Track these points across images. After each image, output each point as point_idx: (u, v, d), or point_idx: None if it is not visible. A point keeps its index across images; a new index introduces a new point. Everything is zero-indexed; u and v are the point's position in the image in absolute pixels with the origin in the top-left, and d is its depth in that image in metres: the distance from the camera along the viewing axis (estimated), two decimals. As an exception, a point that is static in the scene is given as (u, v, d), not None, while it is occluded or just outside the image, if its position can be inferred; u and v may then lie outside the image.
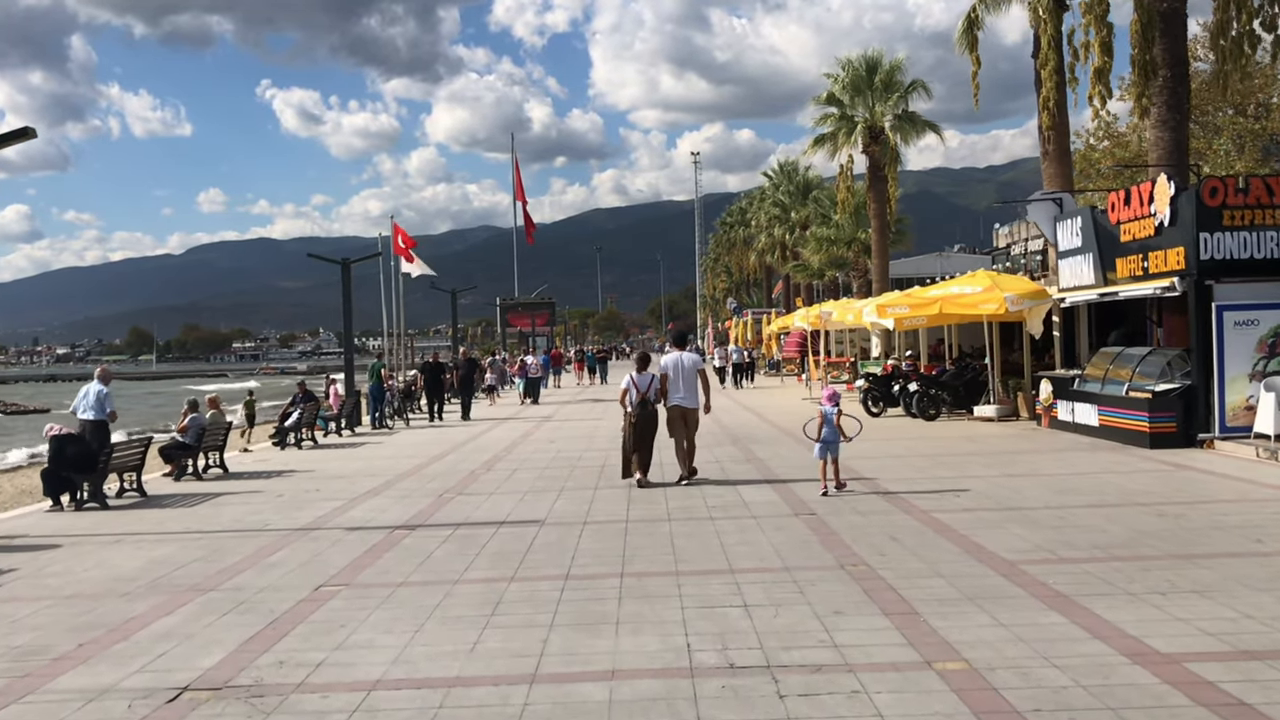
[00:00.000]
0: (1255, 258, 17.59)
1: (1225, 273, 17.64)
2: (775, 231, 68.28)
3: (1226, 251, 17.59)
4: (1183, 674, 6.34)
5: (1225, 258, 17.60)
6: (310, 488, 16.92)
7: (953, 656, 6.84)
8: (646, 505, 13.60)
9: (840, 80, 45.80)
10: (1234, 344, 17.52)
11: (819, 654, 7.00)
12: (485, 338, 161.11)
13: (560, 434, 24.69)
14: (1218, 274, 17.64)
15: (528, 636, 7.65)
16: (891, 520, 11.84)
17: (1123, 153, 52.36)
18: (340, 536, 12.22)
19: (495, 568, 10.08)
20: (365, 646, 7.61)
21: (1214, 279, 17.67)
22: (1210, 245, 17.60)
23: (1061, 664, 6.61)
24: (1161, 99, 21.14)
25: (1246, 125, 49.32)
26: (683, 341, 16.85)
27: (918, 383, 25.31)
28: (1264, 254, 17.60)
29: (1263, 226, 17.58)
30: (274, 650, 7.63)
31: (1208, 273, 17.63)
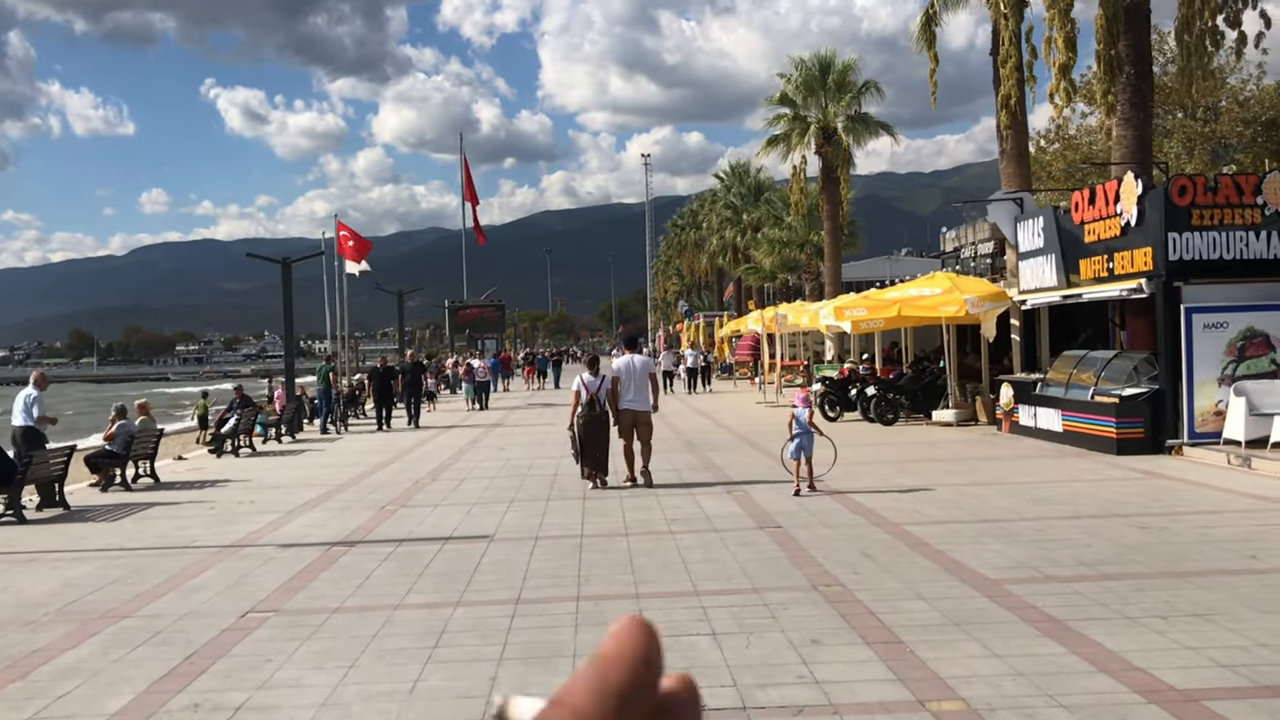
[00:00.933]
0: (1224, 258, 17.16)
1: (1194, 274, 17.19)
2: (727, 234, 67.75)
3: (1195, 252, 17.13)
4: (1205, 715, 5.71)
5: (1194, 258, 17.14)
6: (244, 499, 16.03)
7: (947, 694, 6.18)
8: (602, 518, 12.87)
9: (793, 80, 45.32)
10: (1203, 347, 17.08)
11: (799, 692, 6.30)
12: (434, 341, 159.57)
13: (510, 441, 23.90)
14: (1186, 275, 17.19)
15: (474, 673, 6.90)
16: (862, 534, 11.19)
17: (1074, 155, 52.35)
18: (273, 554, 11.38)
19: (439, 590, 9.30)
20: (292, 685, 6.83)
21: (1182, 280, 17.21)
22: (1179, 245, 17.14)
23: (1069, 702, 5.96)
24: (1125, 96, 20.74)
25: (1196, 128, 49.46)
26: (634, 344, 16.98)
27: (875, 387, 24.76)
28: (1233, 254, 17.17)
29: (1232, 226, 17.15)
30: (190, 690, 6.83)
31: (1176, 274, 17.17)
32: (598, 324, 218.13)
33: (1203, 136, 49.39)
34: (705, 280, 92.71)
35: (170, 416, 51.40)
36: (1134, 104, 20.84)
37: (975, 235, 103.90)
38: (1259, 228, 17.17)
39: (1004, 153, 26.05)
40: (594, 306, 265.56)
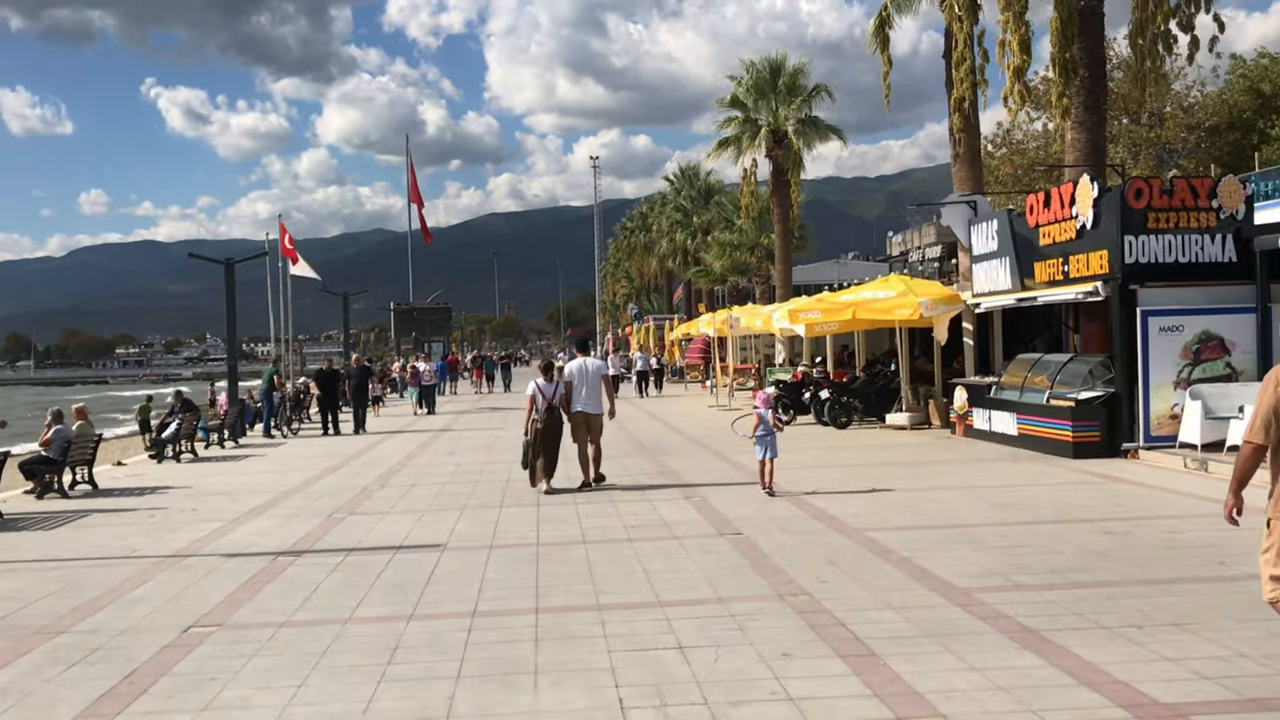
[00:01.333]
0: (1180, 262, 17.13)
1: (1150, 277, 17.14)
2: (677, 236, 67.58)
3: (1151, 255, 17.10)
4: (1195, 731, 5.50)
5: (1150, 261, 17.10)
6: (186, 506, 15.54)
7: (927, 711, 5.93)
8: (558, 525, 12.55)
9: (744, 83, 45.22)
10: (1159, 351, 17.03)
11: (773, 710, 6.03)
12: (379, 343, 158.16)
13: (460, 445, 23.49)
14: (1142, 278, 17.14)
15: (430, 692, 6.57)
16: (825, 540, 10.95)
17: (1020, 159, 52.70)
18: (216, 565, 10.96)
19: (391, 603, 8.94)
20: (239, 707, 6.47)
21: (1138, 283, 17.16)
22: (1135, 249, 17.09)
23: (1055, 719, 5.74)
24: (1079, 99, 20.70)
25: (1141, 133, 49.96)
26: (585, 348, 17.19)
27: (829, 390, 24.62)
28: (1188, 258, 17.15)
29: (1187, 229, 17.13)
30: (128, 712, 6.46)
31: (1132, 277, 17.11)
32: (546, 327, 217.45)
33: (1148, 141, 49.89)
34: (655, 283, 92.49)
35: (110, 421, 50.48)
36: (1088, 107, 20.82)
37: (922, 239, 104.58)
38: (1214, 231, 17.17)
39: (957, 156, 26.01)
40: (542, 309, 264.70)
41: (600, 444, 15.89)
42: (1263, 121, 51.04)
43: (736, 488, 15.17)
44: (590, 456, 15.76)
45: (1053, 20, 19.95)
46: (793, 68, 45.02)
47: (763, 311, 32.37)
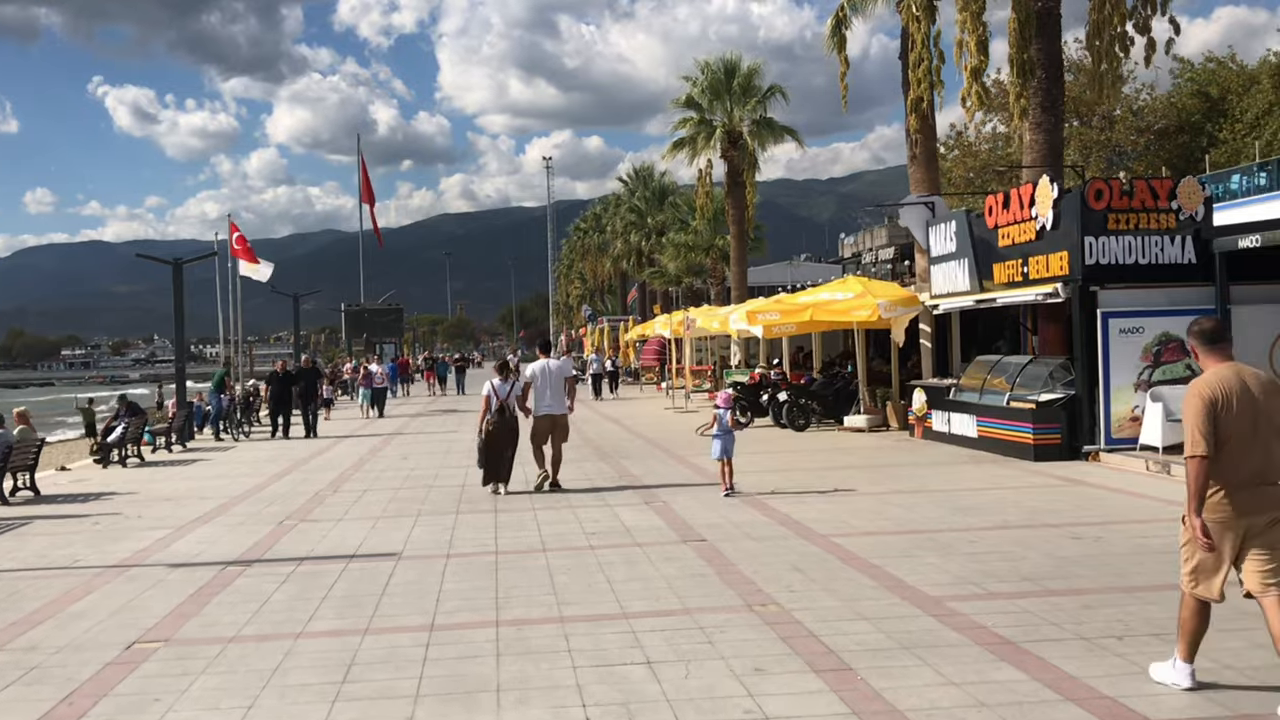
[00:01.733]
0: (1140, 263, 17.08)
1: (1110, 278, 17.08)
2: (631, 238, 67.37)
3: (1112, 256, 17.03)
4: (1188, 750, 5.30)
5: (1110, 263, 17.04)
6: (132, 513, 15.07)
7: (909, 730, 5.69)
8: (517, 532, 12.24)
9: (699, 84, 45.09)
10: (1119, 353, 16.97)
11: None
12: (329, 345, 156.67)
13: (413, 450, 23.09)
14: (1102, 280, 17.07)
15: (388, 712, 6.25)
16: (791, 547, 10.72)
17: (973, 162, 52.93)
18: (162, 576, 10.55)
19: (345, 616, 8.60)
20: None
21: (1099, 285, 17.09)
22: (1095, 250, 17.02)
23: (1042, 739, 5.52)
24: (1036, 100, 20.63)
25: (1092, 136, 50.33)
26: (548, 348, 16.81)
27: (787, 392, 24.44)
28: (1148, 259, 17.10)
29: (1147, 231, 17.08)
30: (66, 738, 6.08)
31: (1092, 278, 17.04)
32: (499, 328, 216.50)
33: (1099, 144, 50.26)
34: (608, 284, 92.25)
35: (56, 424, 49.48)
36: (1045, 108, 20.75)
37: (874, 241, 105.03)
38: (1173, 232, 17.13)
39: (913, 157, 25.92)
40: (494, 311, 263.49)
41: (561, 447, 15.72)
42: (1211, 125, 51.61)
43: (698, 492, 14.92)
44: (550, 458, 15.62)
45: (1010, 21, 19.89)
46: (748, 68, 44.95)
47: (719, 313, 32.18)
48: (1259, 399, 5.97)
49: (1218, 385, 5.97)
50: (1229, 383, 5.98)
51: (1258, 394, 5.98)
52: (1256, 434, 5.93)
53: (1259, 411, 5.94)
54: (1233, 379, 6.00)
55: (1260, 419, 5.94)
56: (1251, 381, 6.03)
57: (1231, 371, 6.06)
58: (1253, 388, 5.99)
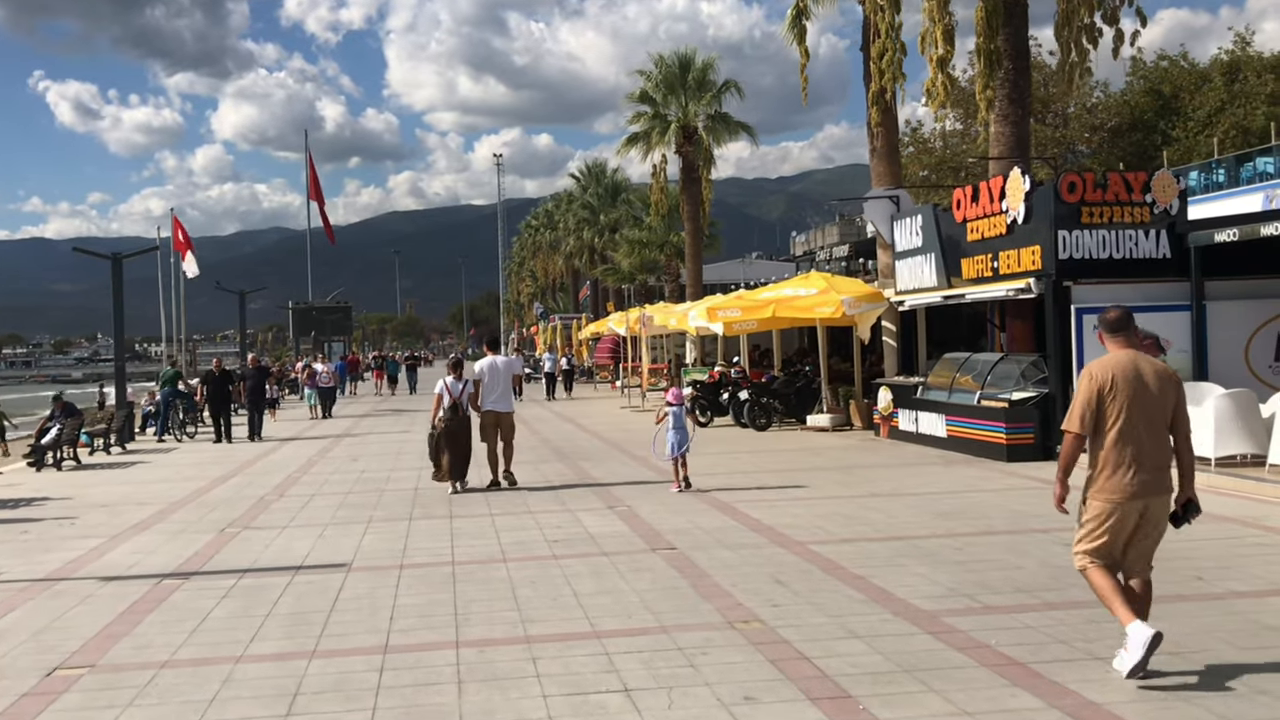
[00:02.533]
0: (1114, 258, 16.67)
1: (1083, 273, 16.63)
2: (584, 234, 66.65)
3: (1085, 251, 16.60)
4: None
5: (1084, 257, 16.60)
6: (64, 520, 14.21)
7: (926, 770, 5.09)
8: (474, 540, 11.54)
9: (653, 78, 44.57)
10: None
11: (746, 772, 5.14)
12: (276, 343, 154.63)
13: (363, 451, 22.29)
14: (1075, 275, 16.62)
15: (339, 754, 5.57)
16: (767, 556, 10.11)
17: (929, 159, 52.71)
18: (92, 590, 9.77)
19: (291, 636, 7.88)
20: (105, 778, 5.40)
21: (1072, 280, 16.65)
22: (1069, 244, 16.58)
23: (1075, 779, 4.93)
24: (1004, 92, 20.23)
25: (1046, 133, 50.21)
26: (496, 345, 17.07)
27: (748, 391, 23.87)
28: (1123, 254, 16.70)
29: (1121, 224, 16.67)
30: (-31, 787, 5.35)
31: (1066, 273, 16.60)
32: (449, 327, 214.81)
33: (1053, 141, 50.18)
34: (560, 282, 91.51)
35: None
36: (1013, 100, 20.35)
37: (826, 239, 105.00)
38: (1148, 226, 16.73)
39: (874, 151, 25.45)
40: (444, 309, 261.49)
41: (512, 442, 15.75)
42: (1164, 122, 51.73)
43: (662, 495, 14.30)
44: (500, 454, 15.65)
45: (978, 10, 19.49)
46: (702, 63, 44.49)
47: (677, 310, 31.57)
48: (1151, 388, 6.23)
49: (1110, 370, 6.25)
50: (1122, 369, 6.25)
51: (1151, 383, 6.23)
52: (1146, 421, 6.20)
53: (1150, 399, 6.20)
54: (1128, 366, 6.26)
55: (1152, 407, 6.21)
56: (1147, 370, 6.27)
57: (1128, 359, 6.30)
58: (1147, 376, 6.24)
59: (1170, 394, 6.31)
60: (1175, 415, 6.33)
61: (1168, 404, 6.29)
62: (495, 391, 15.53)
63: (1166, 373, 6.38)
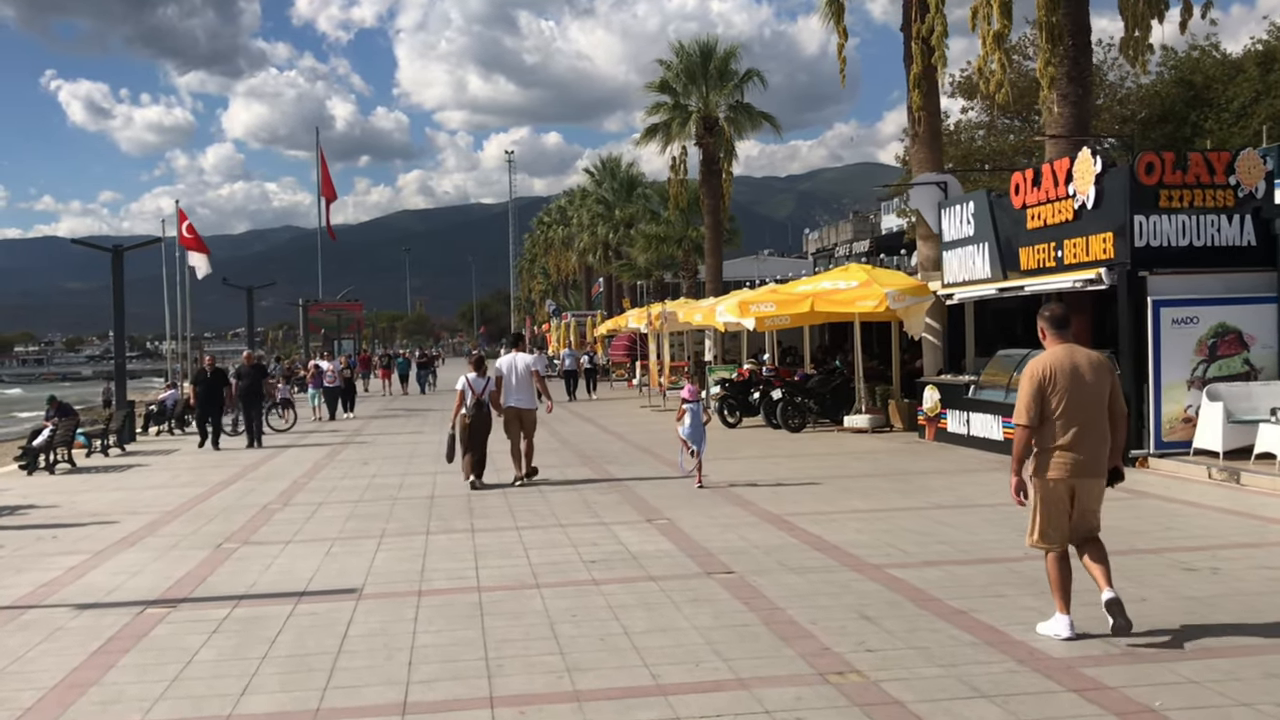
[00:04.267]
0: (1195, 245, 15.25)
1: (1161, 262, 15.22)
2: (599, 230, 65.14)
3: (1164, 238, 15.18)
4: None
5: (1162, 245, 15.18)
6: (47, 532, 12.89)
7: None
8: (501, 560, 10.18)
9: (673, 67, 43.08)
10: (1171, 346, 15.12)
11: None
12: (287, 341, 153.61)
13: (374, 454, 20.96)
14: (1152, 264, 15.21)
15: None
16: (842, 583, 8.74)
17: (954, 151, 51.18)
18: (63, 622, 8.44)
19: (290, 688, 6.53)
20: None
21: (1148, 270, 15.24)
22: (1145, 230, 15.17)
23: None
24: (1064, 70, 18.83)
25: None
26: (518, 342, 17.01)
27: (782, 390, 22.47)
28: (1204, 241, 15.28)
29: (1203, 209, 15.25)
30: None
31: (1141, 262, 15.18)
32: (459, 325, 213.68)
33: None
34: (573, 279, 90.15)
35: None
36: (1072, 78, 18.97)
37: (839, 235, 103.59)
38: (1231, 211, 15.32)
39: (915, 137, 24.06)
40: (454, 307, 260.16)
41: (533, 439, 15.72)
42: (1195, 114, 50.15)
43: (703, 504, 12.96)
44: (522, 451, 15.57)
45: (1039, -20, 18.06)
46: (724, 52, 42.98)
47: (702, 305, 30.14)
48: (1088, 378, 6.78)
49: (1051, 364, 6.81)
50: (1061, 362, 6.80)
51: (1087, 373, 6.79)
52: (1085, 407, 6.75)
53: (1086, 388, 6.74)
54: (1065, 360, 6.82)
55: (1089, 395, 6.75)
56: (1083, 361, 6.84)
57: (1065, 353, 6.86)
58: (1083, 368, 6.80)
59: (1105, 381, 6.88)
60: (1111, 399, 6.89)
61: (1103, 391, 6.85)
62: (514, 388, 15.51)
63: (1100, 362, 6.96)
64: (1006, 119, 47.26)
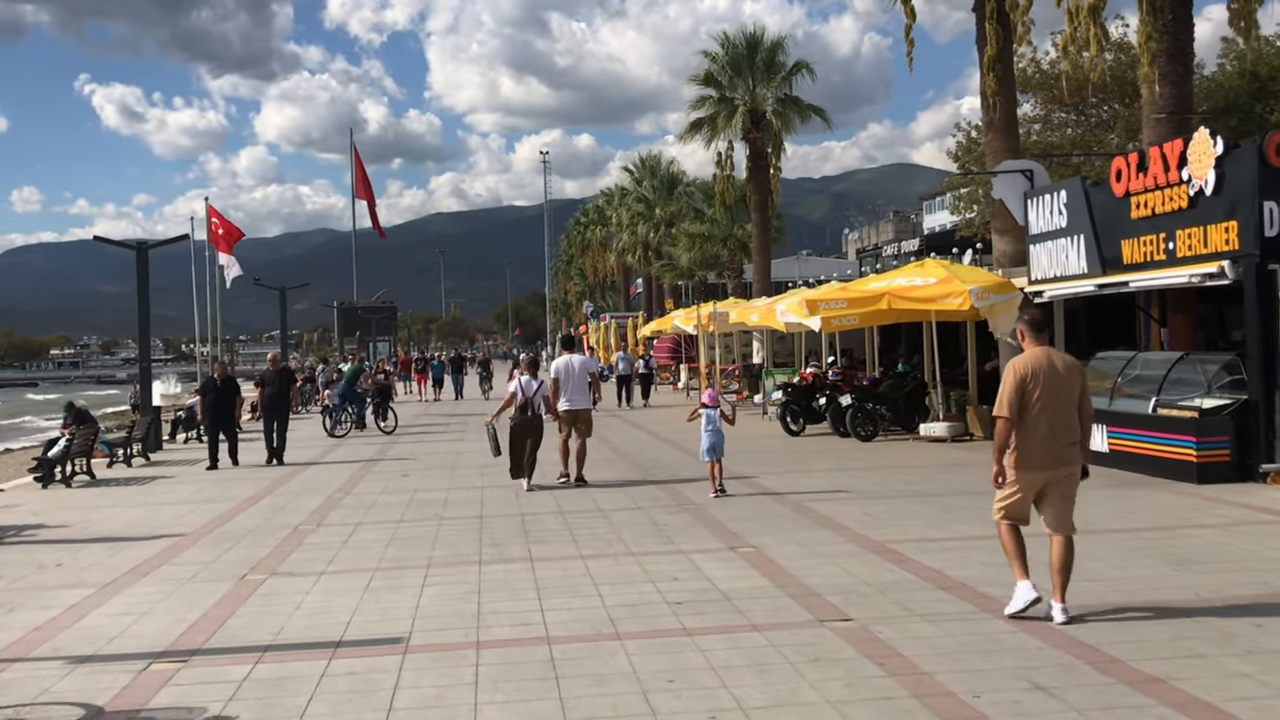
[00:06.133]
0: (1332, 235, 13.58)
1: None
2: (639, 229, 63.64)
3: (1296, 226, 13.53)
4: None
5: (1294, 234, 13.53)
6: (50, 560, 11.50)
7: None
8: (570, 599, 8.67)
9: (719, 59, 41.52)
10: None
11: None
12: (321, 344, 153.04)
13: (414, 465, 19.53)
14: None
15: None
16: (988, 634, 7.19)
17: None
18: (48, 682, 7.01)
19: (322, 794, 5.06)
20: None
21: (1277, 262, 13.59)
22: (1276, 218, 13.52)
23: None
24: (1163, 46, 17.19)
25: (1138, 117, 46.83)
26: (571, 345, 17.00)
27: (851, 396, 20.88)
28: (1342, 230, 13.61)
29: (1341, 195, 13.58)
30: None
31: (1273, 254, 13.53)
32: (494, 327, 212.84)
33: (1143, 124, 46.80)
34: (610, 280, 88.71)
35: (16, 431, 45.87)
36: (1172, 56, 17.32)
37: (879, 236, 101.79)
38: (1373, 196, 13.63)
39: (990, 124, 22.41)
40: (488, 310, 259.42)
41: (585, 442, 15.66)
42: (1261, 106, 48.17)
43: (789, 528, 11.44)
44: (574, 450, 15.55)
45: (1138, -52, 16.41)
46: (771, 42, 41.40)
47: (757, 304, 28.57)
48: (1062, 377, 7.48)
49: (1031, 364, 7.50)
50: (1040, 363, 7.50)
51: (1061, 373, 7.49)
52: (1059, 404, 7.44)
53: (1061, 387, 7.45)
54: (1043, 360, 7.52)
55: (1062, 393, 7.45)
56: (1058, 363, 7.56)
57: (1043, 354, 7.57)
58: (1058, 367, 7.52)
59: (1076, 381, 7.56)
60: (1081, 398, 7.56)
61: (1075, 390, 7.52)
62: (569, 390, 15.51)
63: (1073, 364, 7.67)
64: (1063, 112, 45.52)
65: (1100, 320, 19.39)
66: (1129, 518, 11.57)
